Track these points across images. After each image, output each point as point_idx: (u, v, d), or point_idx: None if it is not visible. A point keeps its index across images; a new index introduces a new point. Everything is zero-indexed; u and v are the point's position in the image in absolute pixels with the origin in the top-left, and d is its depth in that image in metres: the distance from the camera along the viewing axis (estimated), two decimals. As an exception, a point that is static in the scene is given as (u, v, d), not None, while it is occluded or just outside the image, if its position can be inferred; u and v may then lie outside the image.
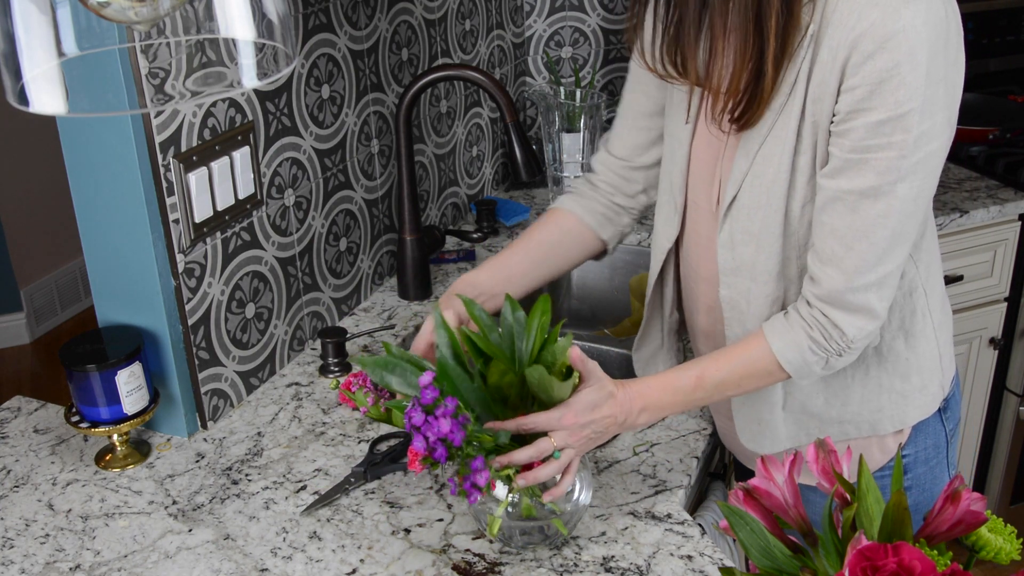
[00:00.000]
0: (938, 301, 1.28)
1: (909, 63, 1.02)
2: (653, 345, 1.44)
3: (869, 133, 1.06)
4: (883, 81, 1.03)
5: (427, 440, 1.04)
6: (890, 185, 1.07)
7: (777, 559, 0.76)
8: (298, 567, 1.19)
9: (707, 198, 1.25)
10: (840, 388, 1.25)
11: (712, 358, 1.19)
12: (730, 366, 1.17)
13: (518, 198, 2.24)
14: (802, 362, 1.16)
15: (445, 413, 1.04)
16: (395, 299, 1.83)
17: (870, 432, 1.28)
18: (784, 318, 1.17)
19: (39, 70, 0.74)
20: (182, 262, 1.37)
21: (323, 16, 1.59)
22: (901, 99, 1.03)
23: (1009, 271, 2.27)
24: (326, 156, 1.66)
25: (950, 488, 0.74)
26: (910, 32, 1.02)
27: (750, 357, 1.17)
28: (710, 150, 1.23)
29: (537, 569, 1.17)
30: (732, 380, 1.18)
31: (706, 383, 1.17)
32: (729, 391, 1.19)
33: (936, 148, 1.08)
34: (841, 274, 1.12)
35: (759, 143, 1.15)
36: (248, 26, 0.77)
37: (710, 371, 1.17)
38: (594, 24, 2.34)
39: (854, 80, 1.05)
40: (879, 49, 1.03)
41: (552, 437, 1.11)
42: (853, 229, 1.10)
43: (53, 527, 1.28)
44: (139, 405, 1.37)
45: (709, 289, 1.29)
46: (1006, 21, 2.66)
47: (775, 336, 1.16)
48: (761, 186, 1.15)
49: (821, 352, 1.15)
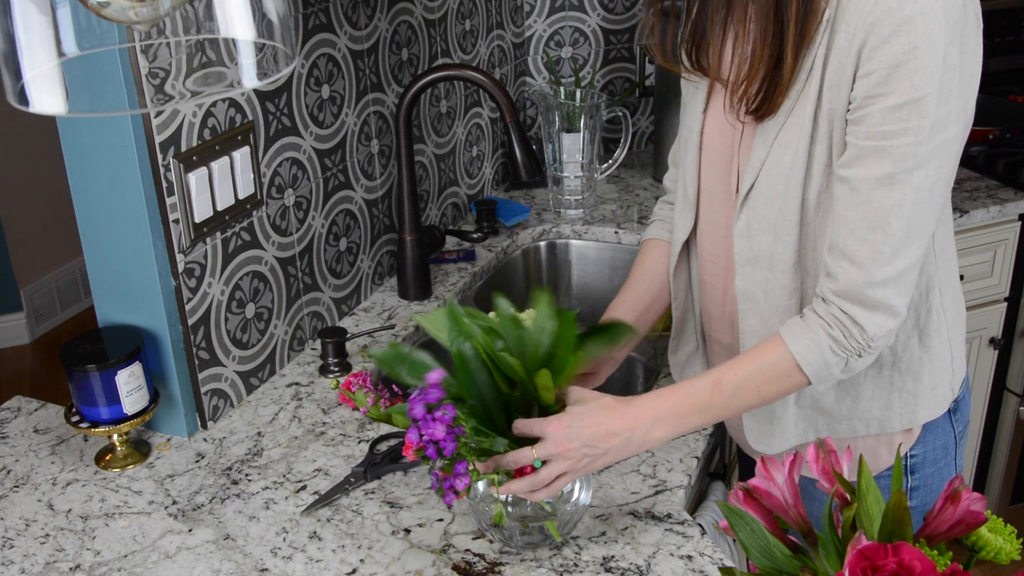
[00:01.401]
0: (952, 300, 1.27)
1: (927, 46, 1.01)
2: (688, 348, 1.41)
3: (885, 118, 1.05)
4: (900, 64, 1.02)
5: (421, 436, 1.04)
6: (906, 173, 1.06)
7: (777, 559, 0.76)
8: (298, 567, 1.19)
9: (724, 186, 1.24)
10: (851, 384, 1.25)
11: (728, 364, 1.15)
12: (747, 371, 1.14)
13: (518, 198, 2.24)
14: (822, 363, 1.13)
15: (442, 419, 1.03)
16: (395, 299, 1.83)
17: (879, 430, 1.27)
18: (801, 319, 1.14)
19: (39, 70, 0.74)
20: (182, 262, 1.37)
21: (323, 16, 1.59)
22: (918, 83, 1.02)
23: (1009, 271, 2.27)
24: (326, 156, 1.66)
25: (950, 488, 0.74)
26: (927, 15, 1.01)
27: (768, 361, 1.14)
28: (724, 138, 1.23)
29: (537, 569, 1.17)
30: (751, 385, 1.14)
31: (724, 389, 1.13)
32: (748, 398, 1.15)
33: (951, 136, 1.07)
34: (857, 268, 1.10)
35: (776, 131, 1.14)
36: (248, 26, 0.77)
37: (727, 376, 1.14)
38: (594, 24, 2.34)
39: (870, 65, 1.04)
40: (896, 32, 1.02)
41: (536, 447, 1.09)
42: (867, 220, 1.08)
43: (53, 527, 1.28)
44: (139, 405, 1.37)
45: (728, 278, 1.28)
46: (1006, 21, 2.66)
47: (793, 338, 1.13)
48: (779, 174, 1.14)
49: (841, 352, 1.12)
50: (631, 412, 1.12)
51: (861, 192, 1.08)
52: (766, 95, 1.11)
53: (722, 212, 1.26)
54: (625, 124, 2.12)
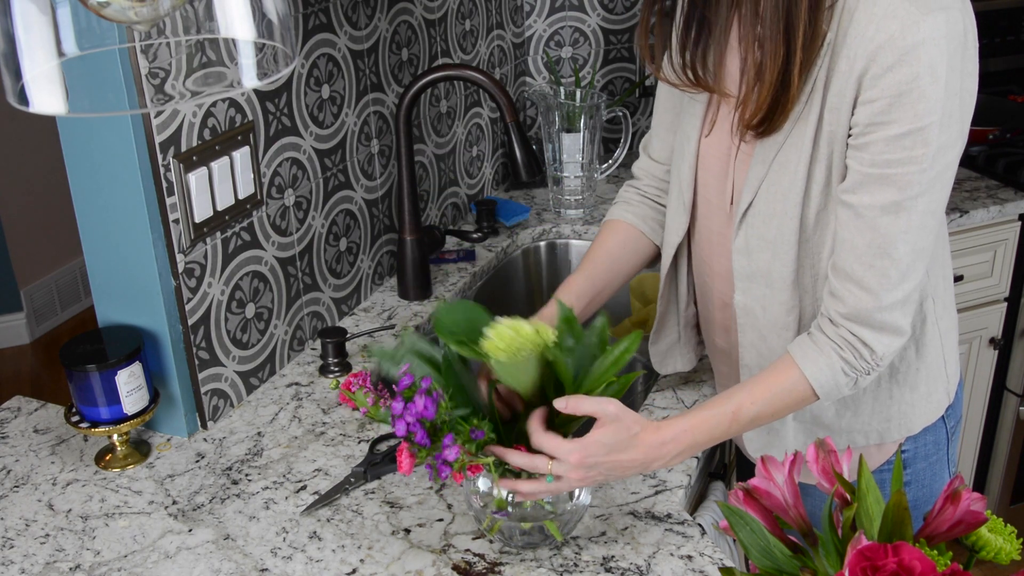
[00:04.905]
0: (944, 307, 1.27)
1: (929, 76, 1.01)
2: (670, 339, 1.43)
3: (889, 147, 1.05)
4: (902, 94, 1.02)
5: (408, 425, 1.04)
6: (911, 200, 1.06)
7: (777, 559, 0.76)
8: (298, 567, 1.19)
9: (718, 195, 1.25)
10: (851, 399, 1.25)
11: (746, 391, 1.16)
12: (765, 399, 1.15)
13: (518, 198, 2.24)
14: (833, 384, 1.14)
15: (420, 392, 1.05)
16: (395, 299, 1.83)
17: (878, 440, 1.28)
18: (811, 340, 1.15)
19: (39, 70, 0.74)
20: (182, 262, 1.37)
21: (323, 16, 1.59)
22: (921, 112, 1.03)
23: (1009, 271, 2.27)
24: (326, 156, 1.66)
25: (950, 488, 0.74)
26: (930, 45, 1.01)
27: (783, 388, 1.15)
28: (720, 147, 1.23)
29: (537, 569, 1.17)
30: (767, 413, 1.16)
31: (742, 418, 1.15)
32: (763, 422, 1.17)
33: (952, 159, 1.08)
34: (866, 292, 1.10)
35: (775, 151, 1.14)
36: (248, 26, 0.77)
37: (745, 406, 1.15)
38: (594, 24, 2.34)
39: (872, 92, 1.04)
40: (898, 62, 1.02)
41: (553, 464, 1.09)
42: (874, 246, 1.09)
43: (53, 527, 1.28)
44: (139, 405, 1.37)
45: (724, 286, 1.29)
46: (1006, 21, 2.66)
47: (807, 361, 1.14)
48: (777, 193, 1.15)
49: (852, 373, 1.14)
50: (655, 441, 1.12)
51: (866, 219, 1.08)
52: (768, 114, 1.11)
53: (716, 220, 1.26)
54: (625, 124, 2.12)
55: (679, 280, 1.38)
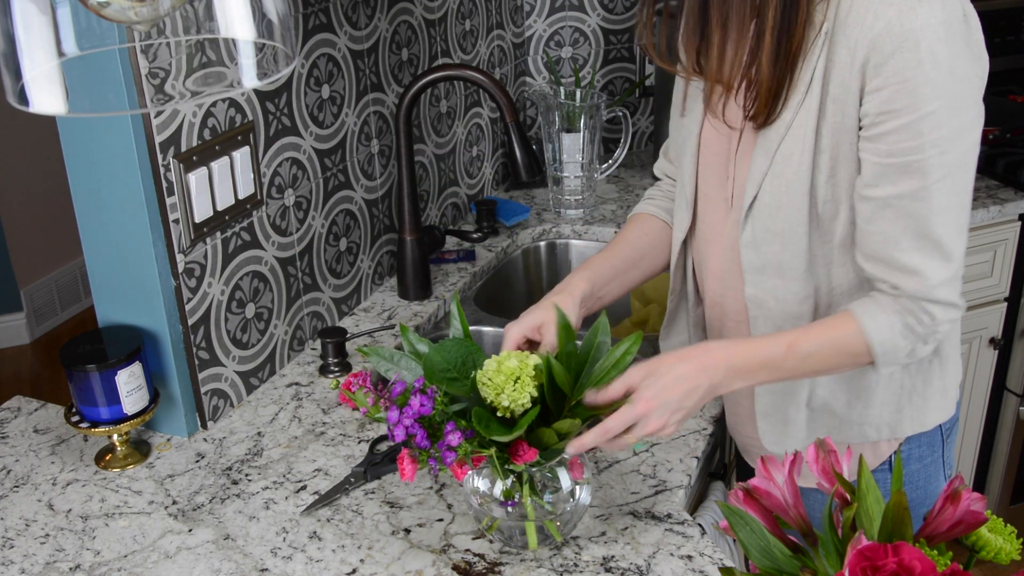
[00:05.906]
0: None
1: (931, 60, 1.02)
2: (680, 339, 1.43)
3: (903, 134, 1.05)
4: (907, 80, 1.03)
5: (407, 428, 1.05)
6: (937, 183, 1.07)
7: (777, 559, 0.76)
8: (298, 567, 1.19)
9: (719, 190, 1.25)
10: (863, 388, 1.25)
11: (801, 329, 1.15)
12: (821, 340, 1.13)
13: (518, 198, 2.24)
14: (892, 345, 1.12)
15: (414, 392, 1.05)
16: (395, 299, 1.83)
17: (890, 435, 1.27)
18: (872, 300, 1.14)
19: (39, 70, 0.74)
20: (182, 262, 1.37)
21: (323, 16, 1.59)
22: (928, 96, 1.03)
23: (1009, 271, 2.27)
24: (326, 156, 1.66)
25: (950, 488, 0.74)
26: (927, 30, 1.01)
27: (840, 335, 1.13)
28: (720, 141, 1.23)
29: (537, 569, 1.17)
30: (822, 354, 1.14)
31: (796, 352, 1.13)
32: (816, 365, 1.15)
33: (972, 142, 1.08)
34: (915, 277, 1.10)
35: (778, 142, 1.14)
36: (248, 26, 0.77)
37: (801, 341, 1.13)
38: (594, 24, 2.34)
39: (877, 81, 1.05)
40: (899, 48, 1.02)
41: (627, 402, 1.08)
42: (912, 231, 1.09)
43: (53, 527, 1.28)
44: (139, 405, 1.37)
45: (714, 284, 1.29)
46: (1006, 21, 2.66)
47: (868, 317, 1.12)
48: (782, 185, 1.15)
49: (911, 336, 1.12)
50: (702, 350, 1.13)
51: (897, 207, 1.08)
52: (754, 102, 1.12)
53: (714, 216, 1.26)
54: (625, 124, 2.12)
55: (687, 279, 1.37)
